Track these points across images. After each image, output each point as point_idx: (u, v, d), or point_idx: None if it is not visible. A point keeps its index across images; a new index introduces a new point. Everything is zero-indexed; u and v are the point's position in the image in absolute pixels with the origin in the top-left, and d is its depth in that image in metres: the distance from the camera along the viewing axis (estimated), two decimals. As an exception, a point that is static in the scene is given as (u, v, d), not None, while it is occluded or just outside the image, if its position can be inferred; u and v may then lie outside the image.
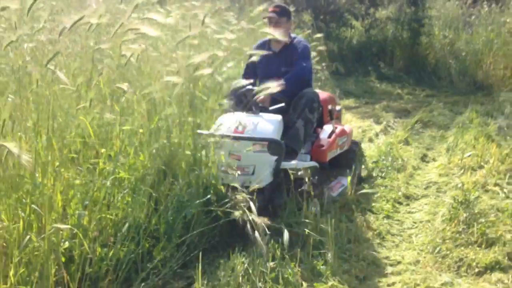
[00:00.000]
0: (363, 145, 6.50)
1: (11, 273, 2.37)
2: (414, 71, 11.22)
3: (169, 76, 3.41)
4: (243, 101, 4.32)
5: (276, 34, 4.20)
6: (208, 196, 3.44)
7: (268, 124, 4.09)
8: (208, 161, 3.62)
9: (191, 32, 3.82)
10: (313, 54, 8.32)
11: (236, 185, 3.52)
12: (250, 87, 4.21)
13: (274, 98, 4.29)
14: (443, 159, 6.08)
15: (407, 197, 4.98)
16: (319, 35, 8.43)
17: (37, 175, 2.86)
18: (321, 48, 8.23)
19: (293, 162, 4.09)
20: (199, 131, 3.79)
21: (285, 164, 3.98)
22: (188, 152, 3.56)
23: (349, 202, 4.48)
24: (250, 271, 3.19)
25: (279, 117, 4.19)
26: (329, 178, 4.79)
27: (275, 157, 3.89)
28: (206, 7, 7.58)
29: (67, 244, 2.85)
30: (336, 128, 4.78)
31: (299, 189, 4.01)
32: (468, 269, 3.47)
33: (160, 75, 3.66)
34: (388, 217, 4.48)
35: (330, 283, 3.26)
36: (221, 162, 3.67)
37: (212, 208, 3.42)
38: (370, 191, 4.68)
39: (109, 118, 3.17)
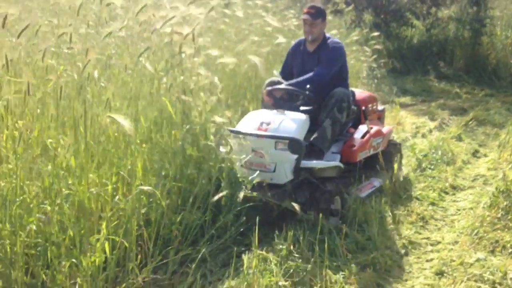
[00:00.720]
0: (415, 140, 6.79)
1: (104, 225, 2.90)
2: (474, 71, 11.23)
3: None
4: (272, 99, 4.52)
5: (310, 35, 4.57)
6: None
7: (292, 122, 4.16)
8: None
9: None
10: (368, 52, 8.65)
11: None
12: (279, 86, 4.47)
13: (299, 96, 4.46)
14: (494, 154, 6.26)
15: (454, 187, 5.26)
16: (376, 33, 8.72)
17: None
18: (378, 47, 8.52)
19: (315, 161, 4.17)
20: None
21: (307, 163, 4.07)
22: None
23: (396, 189, 4.82)
24: (300, 241, 3.62)
25: (303, 116, 4.26)
26: (361, 178, 4.67)
27: (295, 156, 3.98)
28: (268, 7, 8.09)
29: (145, 209, 3.36)
30: (371, 128, 4.77)
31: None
32: (502, 249, 3.76)
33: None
34: (433, 204, 4.80)
35: (372, 255, 3.64)
36: (238, 159, 3.87)
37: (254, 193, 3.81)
38: None
39: (185, 100, 3.65)
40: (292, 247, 3.57)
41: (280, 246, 3.54)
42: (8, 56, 2.61)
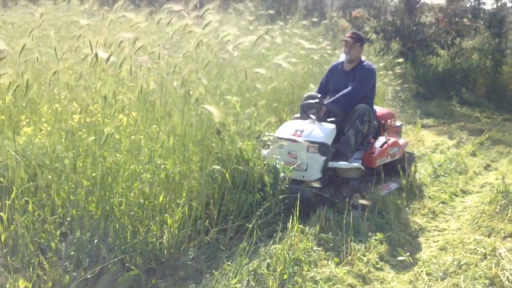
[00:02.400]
0: (434, 155, 7.60)
1: (184, 194, 3.87)
2: (494, 97, 12.08)
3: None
4: (307, 111, 5.38)
5: (348, 55, 5.40)
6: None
7: (321, 130, 5.00)
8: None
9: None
10: (394, 76, 9.57)
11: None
12: (312, 100, 5.28)
13: (330, 110, 5.23)
14: (504, 168, 7.05)
15: (464, 191, 6.09)
16: (400, 60, 9.65)
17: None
18: (400, 71, 9.44)
19: (340, 163, 4.96)
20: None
21: (333, 164, 4.90)
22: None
23: (413, 189, 5.67)
24: (330, 221, 4.51)
25: (332, 125, 5.10)
26: (380, 181, 5.39)
27: (324, 157, 4.81)
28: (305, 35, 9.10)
29: (210, 188, 4.31)
30: (389, 139, 5.55)
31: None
32: (496, 234, 4.57)
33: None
34: (443, 203, 5.64)
35: (388, 234, 4.51)
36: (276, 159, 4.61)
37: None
38: None
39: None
40: (323, 223, 4.48)
41: (314, 223, 4.45)
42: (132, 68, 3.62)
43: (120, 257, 3.35)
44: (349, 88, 5.30)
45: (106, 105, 3.53)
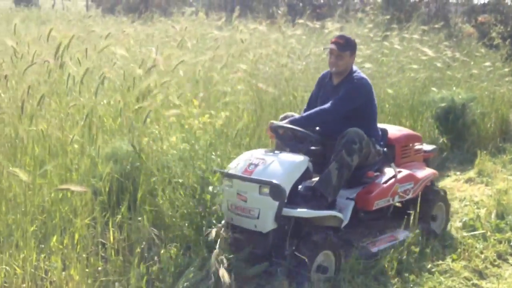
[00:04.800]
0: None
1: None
2: None
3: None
4: (275, 136, 4.12)
5: (335, 67, 4.14)
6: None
7: (280, 165, 3.69)
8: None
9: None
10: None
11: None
12: (280, 123, 4.02)
13: (304, 137, 3.95)
14: None
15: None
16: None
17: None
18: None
19: (300, 210, 3.62)
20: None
21: (291, 212, 3.59)
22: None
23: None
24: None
25: (298, 158, 3.78)
26: (385, 229, 4.29)
27: (277, 202, 3.54)
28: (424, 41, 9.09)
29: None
30: (399, 172, 4.21)
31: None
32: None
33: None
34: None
35: (508, 235, 4.58)
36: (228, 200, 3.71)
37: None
38: None
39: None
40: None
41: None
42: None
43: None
44: (325, 105, 4.06)
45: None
